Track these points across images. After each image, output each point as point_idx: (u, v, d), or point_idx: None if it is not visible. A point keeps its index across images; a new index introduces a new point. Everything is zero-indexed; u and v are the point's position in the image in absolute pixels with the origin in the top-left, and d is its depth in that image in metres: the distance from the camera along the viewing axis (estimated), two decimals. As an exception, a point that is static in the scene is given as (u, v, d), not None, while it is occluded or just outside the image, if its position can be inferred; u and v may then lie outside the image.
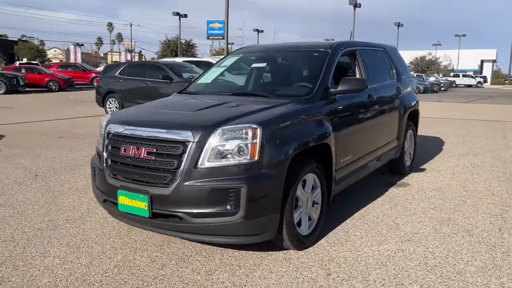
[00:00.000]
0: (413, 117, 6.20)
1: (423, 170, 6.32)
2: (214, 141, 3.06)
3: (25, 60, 43.55)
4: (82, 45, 63.56)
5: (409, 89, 6.05)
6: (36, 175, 6.03)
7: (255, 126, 3.11)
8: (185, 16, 45.91)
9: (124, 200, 3.29)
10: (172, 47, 53.64)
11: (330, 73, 4.17)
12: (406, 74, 6.14)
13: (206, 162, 3.05)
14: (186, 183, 3.05)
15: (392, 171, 5.97)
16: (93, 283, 3.02)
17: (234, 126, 3.12)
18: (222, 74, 4.93)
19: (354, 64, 4.91)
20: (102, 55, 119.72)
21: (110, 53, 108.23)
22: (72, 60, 56.23)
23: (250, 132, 3.09)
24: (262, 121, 3.21)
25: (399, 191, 5.26)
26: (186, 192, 3.05)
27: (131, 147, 3.30)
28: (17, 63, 37.49)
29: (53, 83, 27.15)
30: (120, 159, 3.38)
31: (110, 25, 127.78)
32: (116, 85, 12.83)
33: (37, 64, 35.45)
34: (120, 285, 2.98)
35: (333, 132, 3.87)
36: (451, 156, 7.36)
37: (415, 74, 40.94)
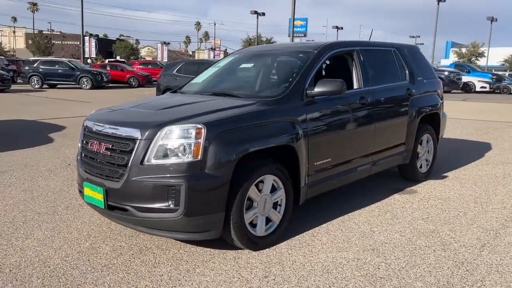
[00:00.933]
0: (431, 121, 5.85)
1: (443, 177, 5.93)
2: (159, 139, 3.21)
3: (118, 58, 46.96)
4: (169, 43, 66.91)
5: (427, 91, 5.70)
6: (69, 165, 6.60)
7: (200, 127, 3.21)
8: (263, 14, 46.44)
9: (88, 191, 3.56)
10: (253, 45, 54.69)
11: (308, 75, 4.11)
12: (426, 75, 5.79)
13: (152, 159, 3.21)
14: (133, 178, 3.23)
15: (404, 176, 5.69)
16: (50, 266, 3.30)
17: (179, 125, 3.24)
18: (213, 74, 5.05)
19: (351, 65, 4.77)
20: (190, 53, 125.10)
21: (197, 51, 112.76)
22: (159, 58, 59.48)
23: (194, 132, 3.19)
24: (208, 121, 3.29)
25: (400, 198, 5.02)
26: (133, 187, 3.23)
27: (95, 142, 3.56)
28: (106, 61, 40.55)
29: (133, 80, 29.07)
30: (88, 153, 3.66)
31: (197, 24, 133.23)
32: (173, 82, 13.48)
33: (122, 62, 38.10)
34: (70, 270, 3.24)
35: (304, 135, 3.83)
36: (486, 164, 6.79)
37: (507, 73, 37.57)
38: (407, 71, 5.45)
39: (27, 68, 26.54)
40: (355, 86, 4.71)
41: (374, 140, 4.75)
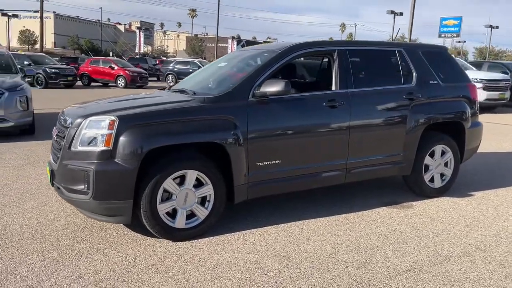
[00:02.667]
0: (452, 131, 5.17)
1: (463, 195, 5.20)
2: (83, 128, 3.59)
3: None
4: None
5: (444, 96, 5.07)
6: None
7: (113, 119, 3.50)
8: (401, 14, 44.14)
9: (48, 171, 4.12)
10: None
11: (260, 74, 4.08)
12: (448, 79, 5.14)
13: (78, 145, 3.60)
14: (63, 162, 3.67)
15: (412, 190, 5.16)
16: (12, 231, 3.90)
17: (98, 117, 3.58)
18: (203, 72, 5.26)
19: (330, 66, 4.55)
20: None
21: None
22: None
23: (107, 124, 3.50)
24: (123, 115, 3.56)
25: (383, 211, 4.60)
26: (63, 169, 3.68)
27: (55, 130, 4.10)
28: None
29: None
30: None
31: (342, 25, 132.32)
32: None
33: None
34: (22, 236, 3.81)
35: (242, 134, 3.84)
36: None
37: None
38: (414, 74, 4.93)
39: (165, 67, 29.85)
40: (333, 87, 4.48)
41: (348, 146, 4.45)
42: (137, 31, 75.30)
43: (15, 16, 47.56)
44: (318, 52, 4.55)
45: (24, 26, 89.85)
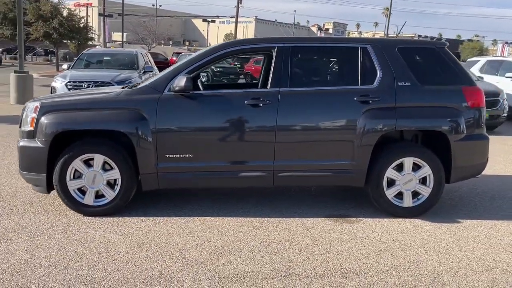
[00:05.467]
0: (434, 143, 4.37)
1: (434, 219, 4.33)
2: (25, 111, 4.38)
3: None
4: (512, 43, 59.08)
5: (412, 100, 4.29)
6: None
7: (37, 104, 4.20)
8: None
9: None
10: None
11: (179, 71, 4.25)
12: (426, 81, 4.33)
13: (22, 126, 4.42)
14: (18, 140, 4.54)
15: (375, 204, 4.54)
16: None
17: (31, 103, 4.32)
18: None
19: (268, 64, 4.39)
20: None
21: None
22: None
23: (33, 108, 4.22)
24: (45, 102, 4.24)
25: (320, 223, 4.21)
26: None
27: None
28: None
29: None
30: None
31: None
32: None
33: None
34: None
35: (151, 126, 4.11)
36: None
37: None
38: (378, 74, 4.32)
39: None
40: (268, 86, 4.32)
41: (275, 148, 4.22)
42: (332, 31, 77.28)
43: (213, 21, 54.27)
44: (253, 49, 4.42)
45: (230, 31, 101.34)
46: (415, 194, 4.42)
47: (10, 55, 42.76)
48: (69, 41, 29.94)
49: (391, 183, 4.39)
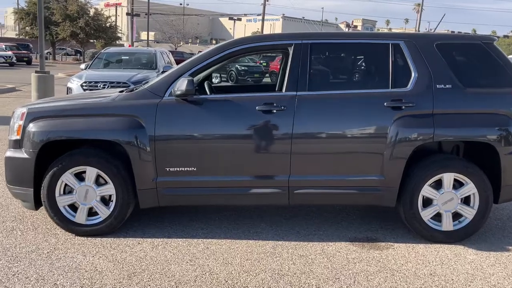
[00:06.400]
0: (478, 154, 3.69)
1: (480, 247, 3.65)
2: (12, 119, 3.94)
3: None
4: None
5: (455, 105, 3.63)
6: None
7: (24, 111, 3.75)
8: None
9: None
10: None
11: (180, 73, 3.73)
12: (471, 83, 3.66)
13: (10, 134, 3.99)
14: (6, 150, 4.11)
15: (408, 227, 3.91)
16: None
17: (18, 109, 3.87)
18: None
19: (285, 64, 3.81)
20: None
21: None
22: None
23: (19, 115, 3.77)
24: (33, 107, 3.78)
25: (342, 248, 3.62)
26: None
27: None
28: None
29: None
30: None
31: None
32: None
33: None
34: None
35: (149, 134, 3.61)
36: None
37: None
38: (413, 75, 3.68)
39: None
40: (284, 89, 3.75)
41: (290, 160, 3.65)
42: (361, 28, 75.87)
43: (239, 19, 53.92)
44: (266, 47, 3.85)
45: (257, 29, 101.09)
46: (456, 216, 3.76)
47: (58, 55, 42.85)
48: (95, 40, 30.08)
49: (427, 202, 3.74)
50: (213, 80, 5.26)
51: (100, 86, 9.59)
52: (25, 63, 32.55)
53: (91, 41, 30.12)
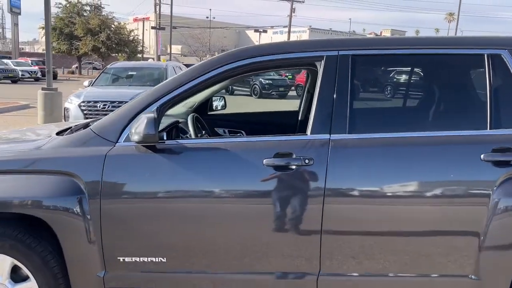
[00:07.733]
0: None
1: None
2: None
3: None
4: None
5: None
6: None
7: None
8: None
9: None
10: None
11: (141, 104, 2.35)
12: None
13: None
14: None
15: None
16: None
17: None
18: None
19: (311, 87, 2.38)
20: None
21: None
22: None
23: None
24: None
25: None
26: None
27: None
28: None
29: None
30: None
31: None
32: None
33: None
34: None
35: (89, 202, 2.24)
36: None
37: None
38: (525, 105, 2.19)
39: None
40: (309, 130, 2.30)
41: (321, 248, 2.20)
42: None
43: (265, 31, 52.86)
44: (281, 63, 2.41)
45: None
46: None
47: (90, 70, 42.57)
48: (117, 54, 29.42)
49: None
50: (214, 104, 3.86)
51: (99, 106, 8.41)
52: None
53: (113, 55, 29.43)
